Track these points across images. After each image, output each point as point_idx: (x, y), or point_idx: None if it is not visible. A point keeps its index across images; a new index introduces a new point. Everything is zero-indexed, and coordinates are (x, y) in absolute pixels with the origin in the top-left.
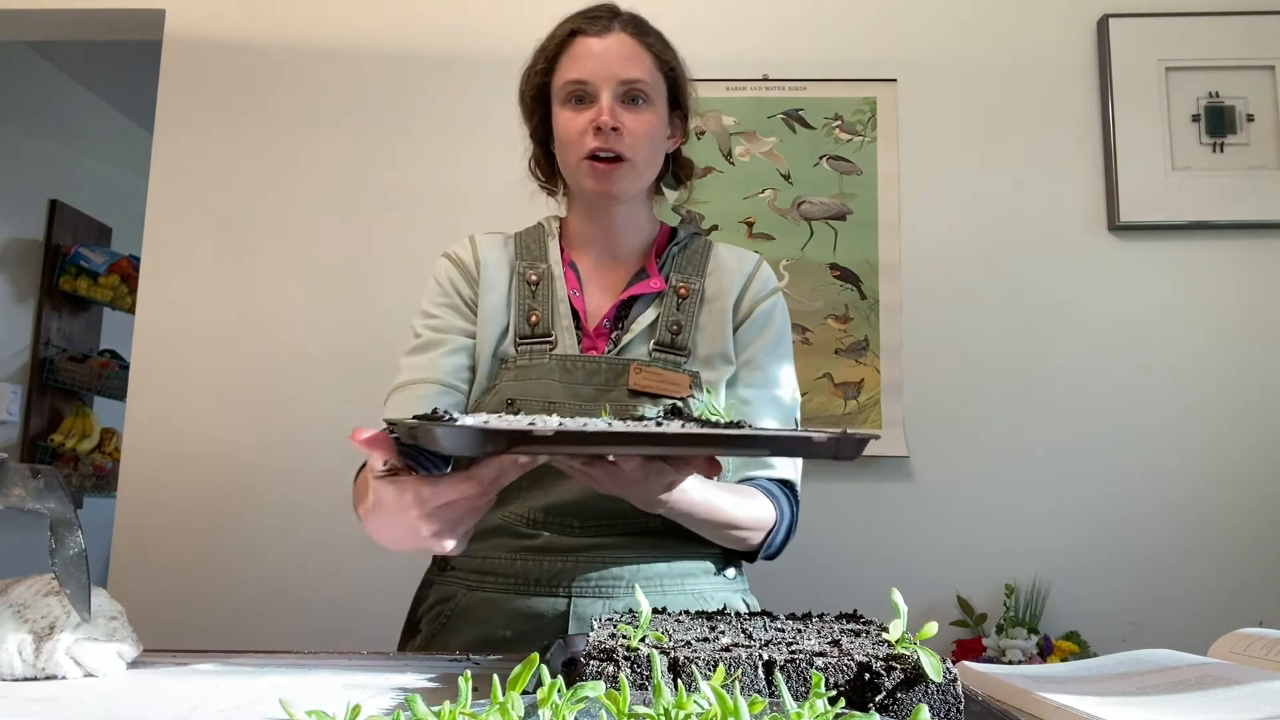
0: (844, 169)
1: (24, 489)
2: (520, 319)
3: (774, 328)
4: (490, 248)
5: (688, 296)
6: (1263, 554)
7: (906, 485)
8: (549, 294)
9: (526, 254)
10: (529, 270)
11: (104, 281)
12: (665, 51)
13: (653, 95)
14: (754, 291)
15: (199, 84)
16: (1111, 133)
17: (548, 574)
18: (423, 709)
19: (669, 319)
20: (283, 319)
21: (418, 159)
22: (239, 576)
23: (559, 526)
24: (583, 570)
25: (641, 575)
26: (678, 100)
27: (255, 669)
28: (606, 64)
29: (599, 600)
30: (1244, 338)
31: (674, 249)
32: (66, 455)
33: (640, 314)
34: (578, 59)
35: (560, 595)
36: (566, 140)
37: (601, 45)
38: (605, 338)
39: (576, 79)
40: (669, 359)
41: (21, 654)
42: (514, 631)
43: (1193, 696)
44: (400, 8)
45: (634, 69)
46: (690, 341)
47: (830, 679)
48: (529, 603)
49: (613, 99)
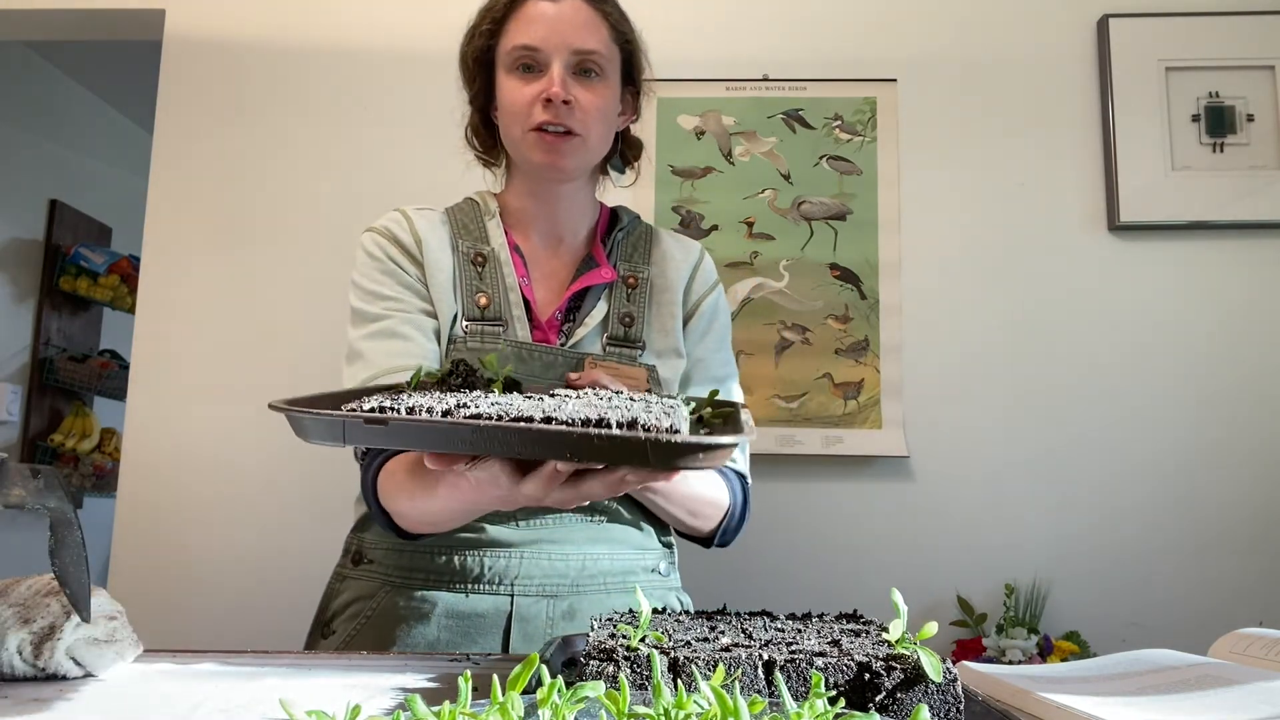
0: (844, 169)
1: (24, 489)
2: (468, 301)
3: (720, 323)
4: (426, 225)
5: (636, 286)
6: (1263, 554)
7: (906, 485)
8: (496, 277)
9: (466, 233)
10: (473, 250)
11: (104, 281)
12: (622, 22)
13: (607, 68)
14: (699, 284)
15: (199, 84)
16: (1111, 133)
17: (488, 570)
18: (423, 709)
19: (620, 310)
20: (283, 319)
21: (418, 159)
22: (239, 576)
23: (499, 517)
24: (526, 567)
25: (585, 573)
26: (631, 75)
27: (255, 669)
28: (559, 31)
29: (543, 599)
30: (1244, 338)
31: (619, 234)
32: (66, 455)
33: (592, 308)
34: (528, 23)
35: (502, 594)
36: (512, 111)
37: (554, 10)
38: (556, 330)
39: (526, 45)
40: (624, 353)
41: (21, 654)
42: (449, 633)
43: (1193, 696)
44: (401, 8)
45: (589, 38)
46: (642, 334)
47: (830, 679)
48: (467, 601)
49: (564, 70)
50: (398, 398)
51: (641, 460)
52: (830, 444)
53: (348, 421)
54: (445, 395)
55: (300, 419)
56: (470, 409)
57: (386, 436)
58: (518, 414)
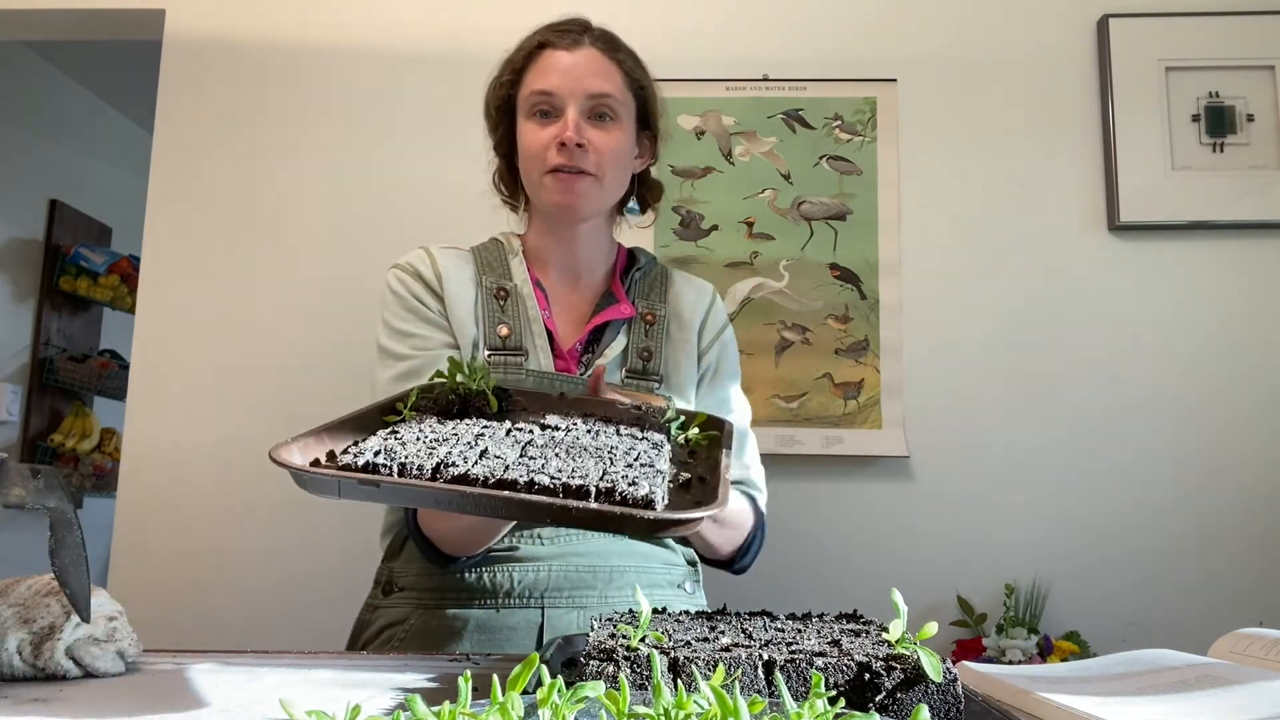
0: (844, 169)
1: (24, 489)
2: (490, 331)
3: (731, 360)
4: (448, 261)
5: (654, 323)
6: (1263, 554)
7: (906, 485)
8: (519, 309)
9: (489, 270)
10: (496, 285)
11: (104, 281)
12: (636, 69)
13: (621, 112)
14: (712, 324)
15: (199, 84)
16: (1111, 133)
17: (518, 585)
18: (423, 709)
19: (638, 345)
20: (283, 319)
21: (418, 159)
22: (239, 576)
23: (528, 536)
24: (555, 580)
25: (614, 585)
26: (647, 120)
27: (255, 669)
28: (575, 77)
29: (573, 610)
30: (1244, 338)
31: (636, 274)
32: (66, 455)
33: (611, 340)
34: (545, 71)
35: (533, 607)
36: (529, 153)
37: (570, 59)
38: (576, 361)
39: (542, 90)
40: (642, 385)
41: (21, 654)
42: (482, 648)
43: (1193, 696)
44: (401, 8)
45: (602, 83)
46: (660, 368)
47: (830, 679)
48: (499, 616)
49: (579, 114)
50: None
51: (619, 530)
52: (830, 444)
53: (342, 481)
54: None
55: (300, 476)
56: (458, 467)
57: (380, 496)
58: (503, 476)
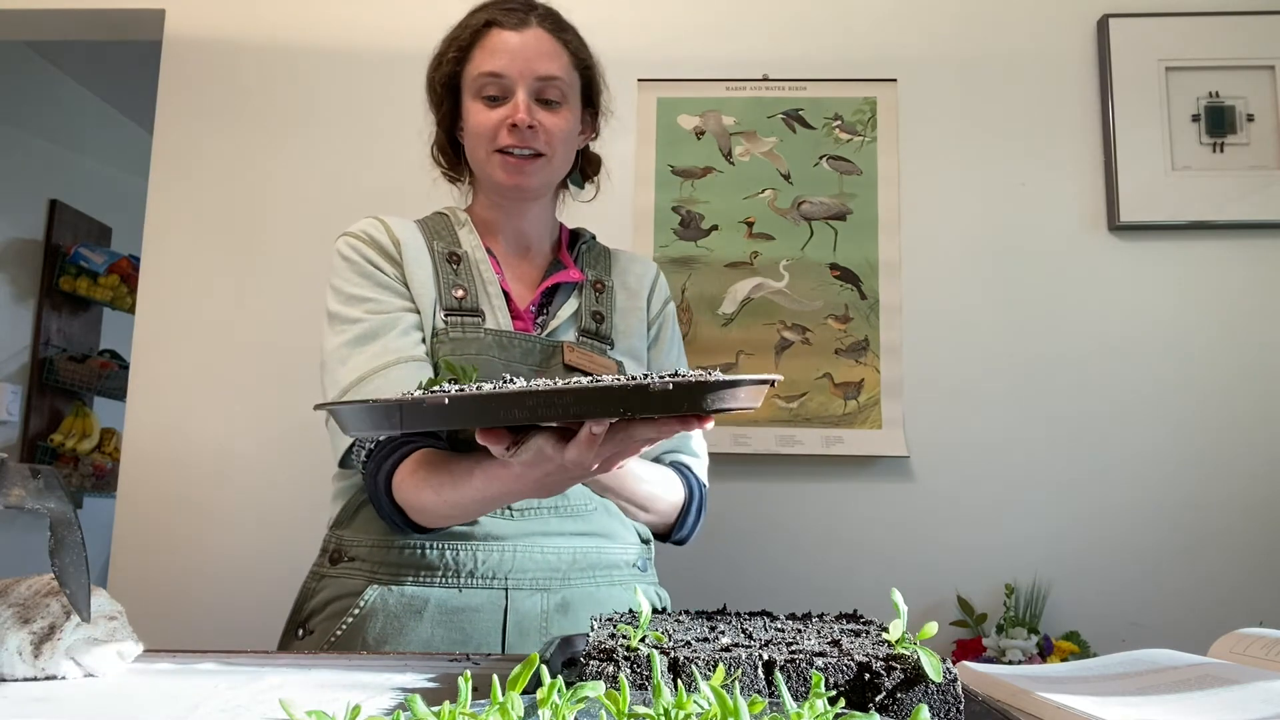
0: (844, 169)
1: (24, 489)
2: (446, 293)
3: (674, 330)
4: (402, 228)
5: (603, 290)
6: (1263, 554)
7: (906, 485)
8: (473, 273)
9: (439, 237)
10: (447, 250)
11: (104, 281)
12: (581, 49)
13: (568, 93)
14: (659, 295)
15: (199, 84)
16: (1111, 133)
17: (482, 565)
18: (423, 709)
19: (590, 308)
20: (283, 319)
21: (417, 159)
22: (239, 576)
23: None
24: (520, 561)
25: (576, 566)
26: (590, 97)
27: (255, 669)
28: (523, 59)
29: (536, 593)
30: (1244, 338)
31: (582, 246)
32: (66, 455)
33: (563, 302)
34: (493, 51)
35: (496, 589)
36: (479, 134)
37: (518, 39)
38: (531, 322)
39: (491, 72)
40: (595, 345)
41: (21, 654)
42: (444, 629)
43: (1193, 696)
44: (401, 8)
45: (550, 65)
46: (611, 331)
47: (830, 679)
48: (461, 597)
49: (528, 95)
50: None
51: (693, 406)
52: (830, 444)
53: (405, 405)
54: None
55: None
56: (513, 386)
57: (446, 415)
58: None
